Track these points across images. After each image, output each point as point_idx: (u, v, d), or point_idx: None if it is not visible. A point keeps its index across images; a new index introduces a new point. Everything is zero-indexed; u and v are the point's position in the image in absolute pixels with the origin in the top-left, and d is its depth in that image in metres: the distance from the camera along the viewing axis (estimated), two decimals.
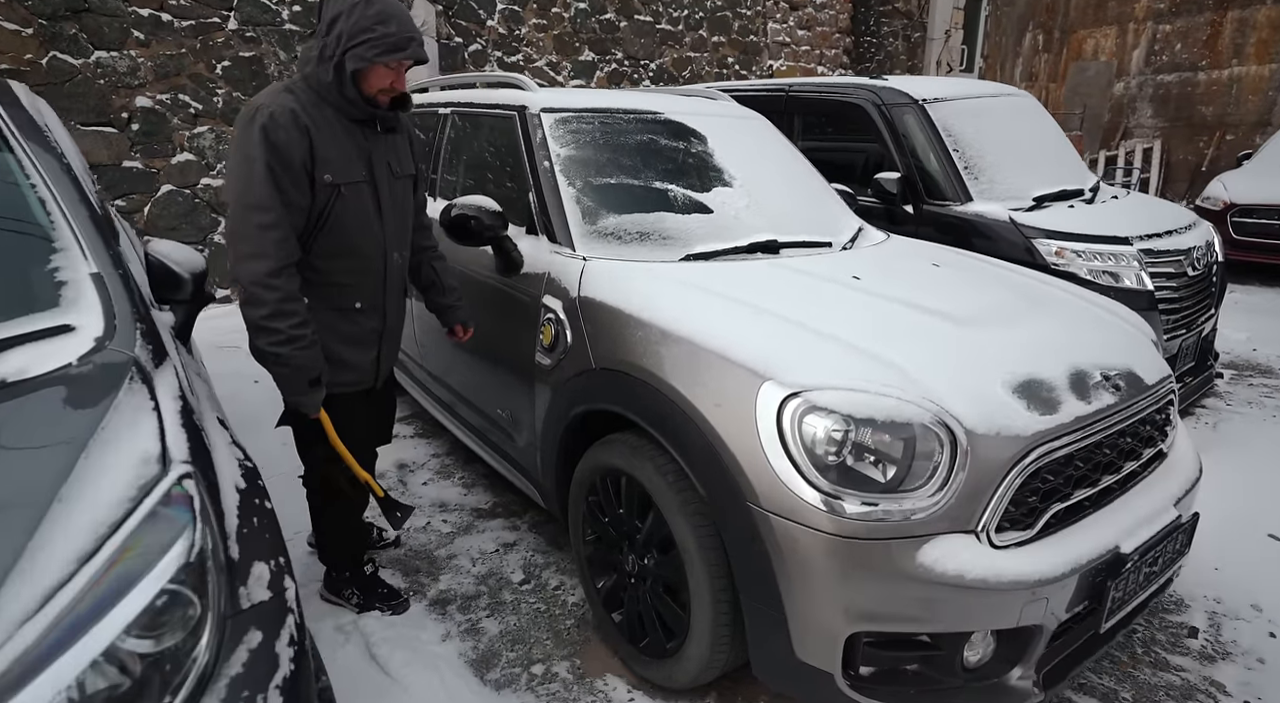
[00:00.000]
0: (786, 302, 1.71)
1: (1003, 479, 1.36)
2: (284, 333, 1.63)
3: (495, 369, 2.30)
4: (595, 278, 1.89)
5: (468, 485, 2.77)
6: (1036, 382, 1.49)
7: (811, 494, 1.33)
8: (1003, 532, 1.38)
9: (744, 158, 2.47)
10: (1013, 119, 3.74)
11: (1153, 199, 3.90)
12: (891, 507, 1.32)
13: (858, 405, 1.35)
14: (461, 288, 2.44)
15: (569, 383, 1.87)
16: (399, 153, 1.88)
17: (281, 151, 1.61)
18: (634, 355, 1.66)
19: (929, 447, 1.34)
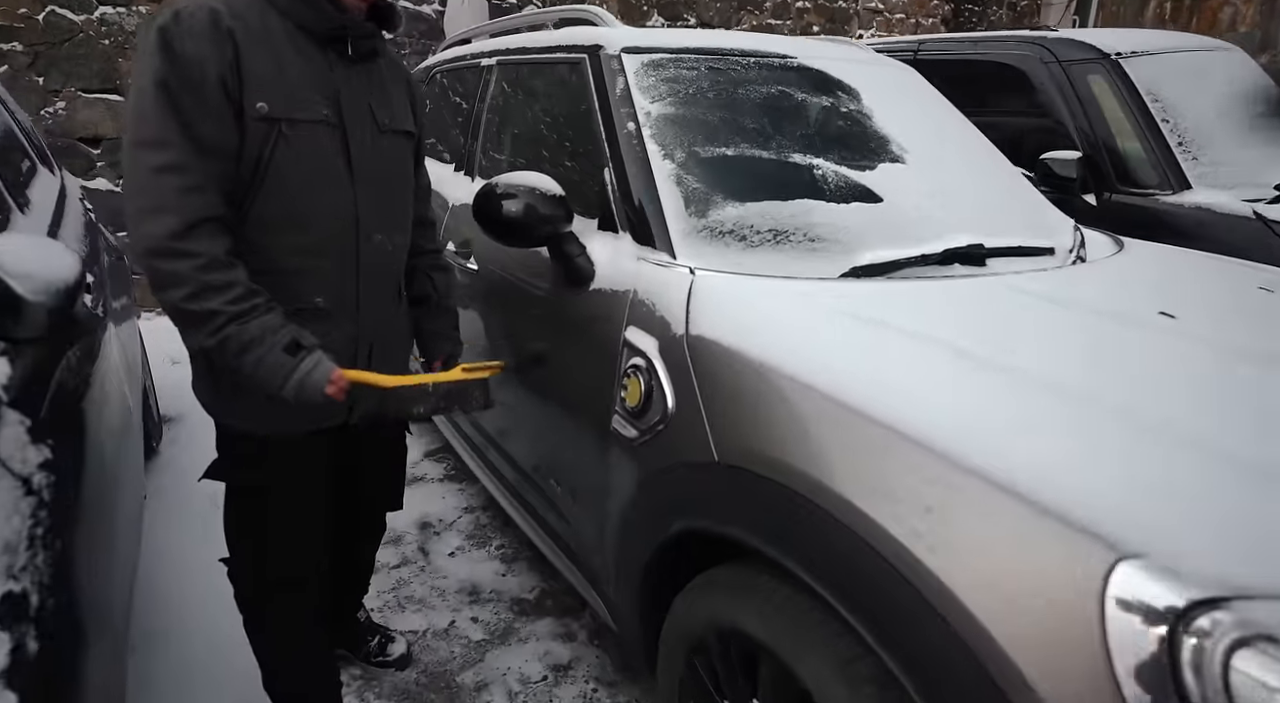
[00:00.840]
0: (1079, 365, 0.95)
1: None
2: (222, 314, 1.06)
3: (549, 425, 1.60)
4: (712, 304, 1.16)
5: (507, 560, 2.09)
6: None
7: None
8: None
9: (909, 122, 1.70)
10: (1228, 81, 2.84)
11: None
12: None
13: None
14: (501, 301, 1.75)
15: (669, 474, 1.16)
16: (387, 97, 1.28)
17: (185, 64, 1.02)
18: (803, 459, 0.93)
19: None
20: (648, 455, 1.21)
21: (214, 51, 1.03)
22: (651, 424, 1.19)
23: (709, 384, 1.09)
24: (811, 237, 1.34)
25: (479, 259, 1.86)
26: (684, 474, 1.12)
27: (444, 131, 2.44)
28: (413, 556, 2.10)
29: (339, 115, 1.19)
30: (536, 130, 1.89)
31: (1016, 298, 1.21)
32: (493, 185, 1.38)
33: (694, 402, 1.10)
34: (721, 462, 1.04)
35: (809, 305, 1.14)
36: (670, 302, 1.22)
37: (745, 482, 1.00)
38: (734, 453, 1.03)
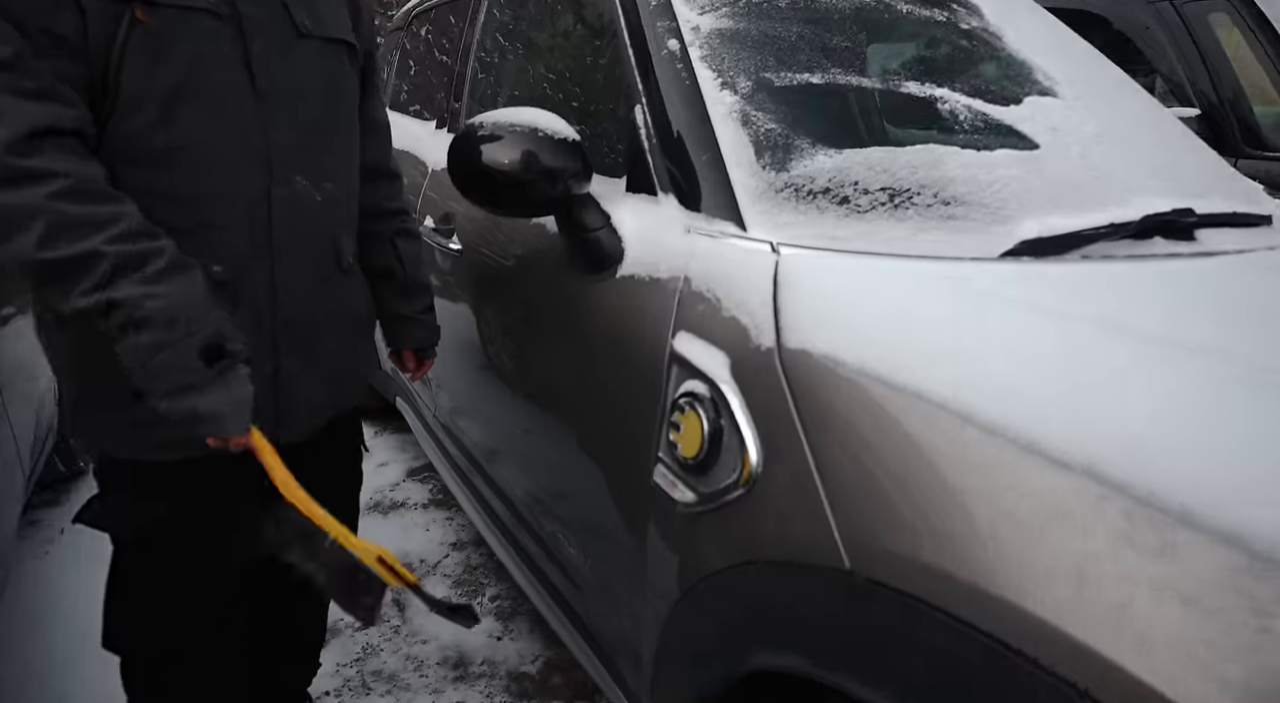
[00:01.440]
0: None
1: None
2: (104, 258, 0.73)
3: (561, 464, 1.18)
4: (820, 300, 0.73)
5: (504, 616, 1.67)
6: None
7: None
8: None
9: (1048, 47, 1.25)
10: None
11: None
12: None
13: None
14: (489, 295, 1.32)
15: (751, 577, 0.73)
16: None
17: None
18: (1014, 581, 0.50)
19: None
20: (713, 535, 0.79)
21: None
22: (720, 488, 0.76)
23: (831, 432, 0.66)
24: (946, 197, 0.90)
25: (463, 237, 1.43)
26: (779, 581, 0.69)
27: (424, 87, 1.99)
28: (385, 611, 1.67)
29: (232, 6, 0.82)
30: (540, 66, 1.45)
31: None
32: (475, 127, 0.95)
33: (801, 460, 0.67)
34: (856, 572, 0.61)
35: (984, 304, 0.70)
36: (745, 295, 0.79)
37: (898, 612, 0.57)
38: (882, 560, 0.59)
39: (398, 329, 1.20)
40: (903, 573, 0.58)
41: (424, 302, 1.21)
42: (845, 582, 0.61)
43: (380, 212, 1.11)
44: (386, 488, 2.18)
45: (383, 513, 2.05)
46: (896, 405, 0.61)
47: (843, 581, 0.61)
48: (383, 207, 1.12)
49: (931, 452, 0.58)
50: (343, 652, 1.54)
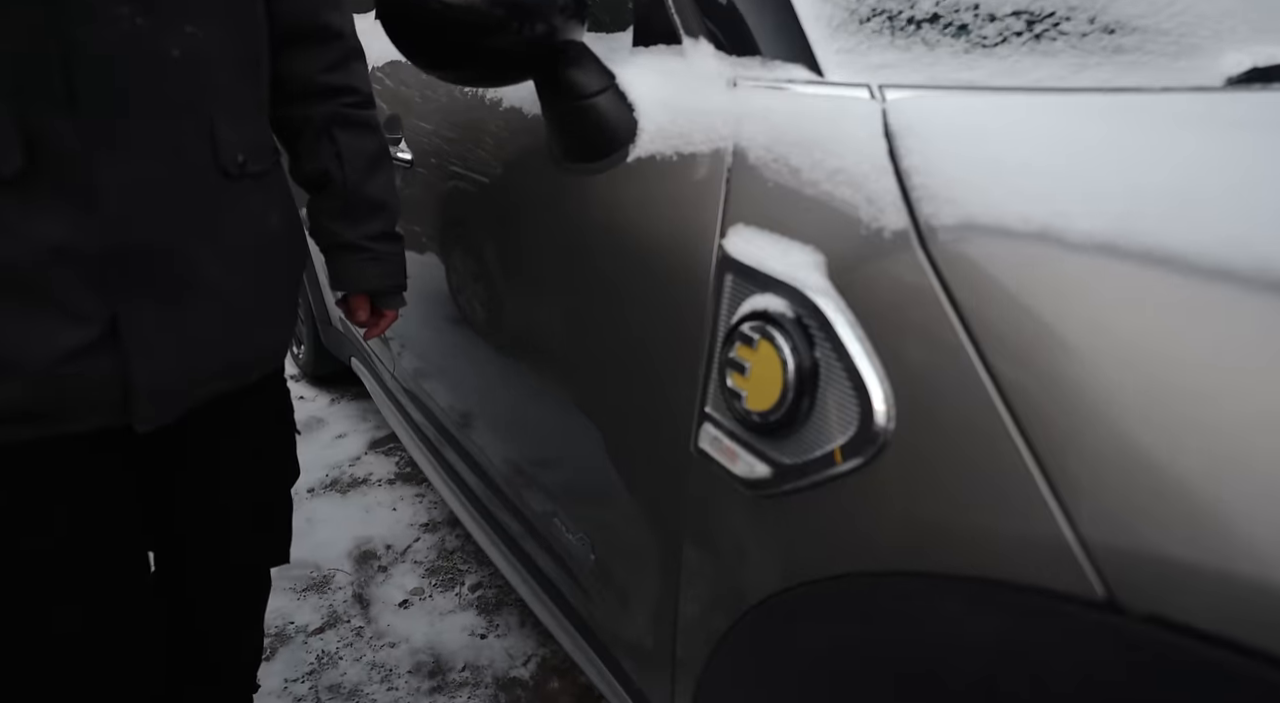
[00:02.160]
0: None
1: None
2: None
3: (557, 431, 0.90)
4: (971, 152, 0.45)
5: (487, 609, 1.41)
6: None
7: None
8: None
9: None
10: None
11: None
12: None
13: None
14: (449, 212, 1.03)
15: (883, 597, 0.46)
16: None
17: None
18: None
19: None
20: (802, 530, 0.52)
21: None
22: (818, 457, 0.49)
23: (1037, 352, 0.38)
24: (1109, 22, 0.62)
25: (414, 143, 1.12)
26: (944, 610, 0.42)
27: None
28: (344, 609, 1.40)
29: None
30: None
31: None
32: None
33: (984, 406, 0.39)
34: (1120, 603, 0.34)
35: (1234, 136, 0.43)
36: (844, 160, 0.50)
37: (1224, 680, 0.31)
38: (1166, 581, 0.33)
39: (341, 264, 0.89)
40: (1214, 606, 0.31)
41: (377, 224, 0.88)
42: (1097, 620, 0.34)
43: (310, 88, 0.80)
44: (345, 463, 1.88)
45: (341, 492, 1.77)
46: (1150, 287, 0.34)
47: (1092, 618, 0.34)
48: (315, 81, 0.80)
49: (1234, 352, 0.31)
50: (292, 664, 1.27)
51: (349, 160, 0.84)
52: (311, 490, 1.77)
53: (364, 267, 0.89)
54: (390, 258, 0.91)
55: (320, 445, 1.95)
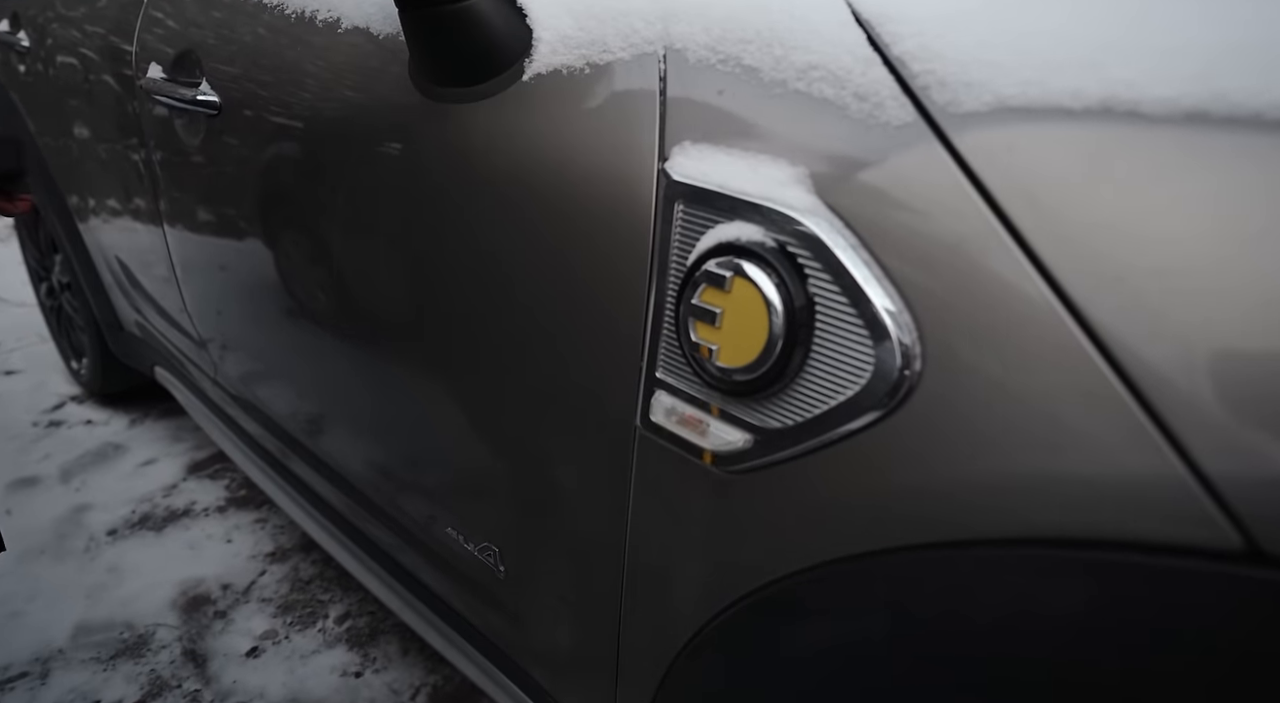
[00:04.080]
0: None
1: None
2: None
3: (449, 416, 0.74)
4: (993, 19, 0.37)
5: (359, 640, 1.21)
6: None
7: None
8: None
9: None
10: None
11: None
12: None
13: None
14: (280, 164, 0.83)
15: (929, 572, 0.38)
16: None
17: None
18: None
19: None
20: (801, 508, 0.42)
21: None
22: (817, 415, 0.40)
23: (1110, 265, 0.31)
24: None
25: (219, 84, 0.88)
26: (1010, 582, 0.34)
27: None
28: (173, 672, 1.14)
29: None
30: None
31: None
32: None
33: (1054, 327, 0.32)
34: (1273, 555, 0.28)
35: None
36: (819, 45, 0.41)
37: None
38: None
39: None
40: None
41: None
42: (1233, 574, 0.28)
43: None
44: (158, 494, 1.55)
45: (155, 530, 1.45)
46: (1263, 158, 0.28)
47: (1228, 572, 0.28)
48: None
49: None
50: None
51: None
52: (113, 532, 1.44)
53: None
54: None
55: (121, 476, 1.60)
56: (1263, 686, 0.27)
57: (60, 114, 1.37)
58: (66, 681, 1.11)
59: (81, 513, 1.48)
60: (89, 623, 1.22)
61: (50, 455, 1.67)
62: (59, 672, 1.13)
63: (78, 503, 1.51)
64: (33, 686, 1.10)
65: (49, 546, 1.39)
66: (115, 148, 1.18)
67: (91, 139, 1.28)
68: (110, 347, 1.65)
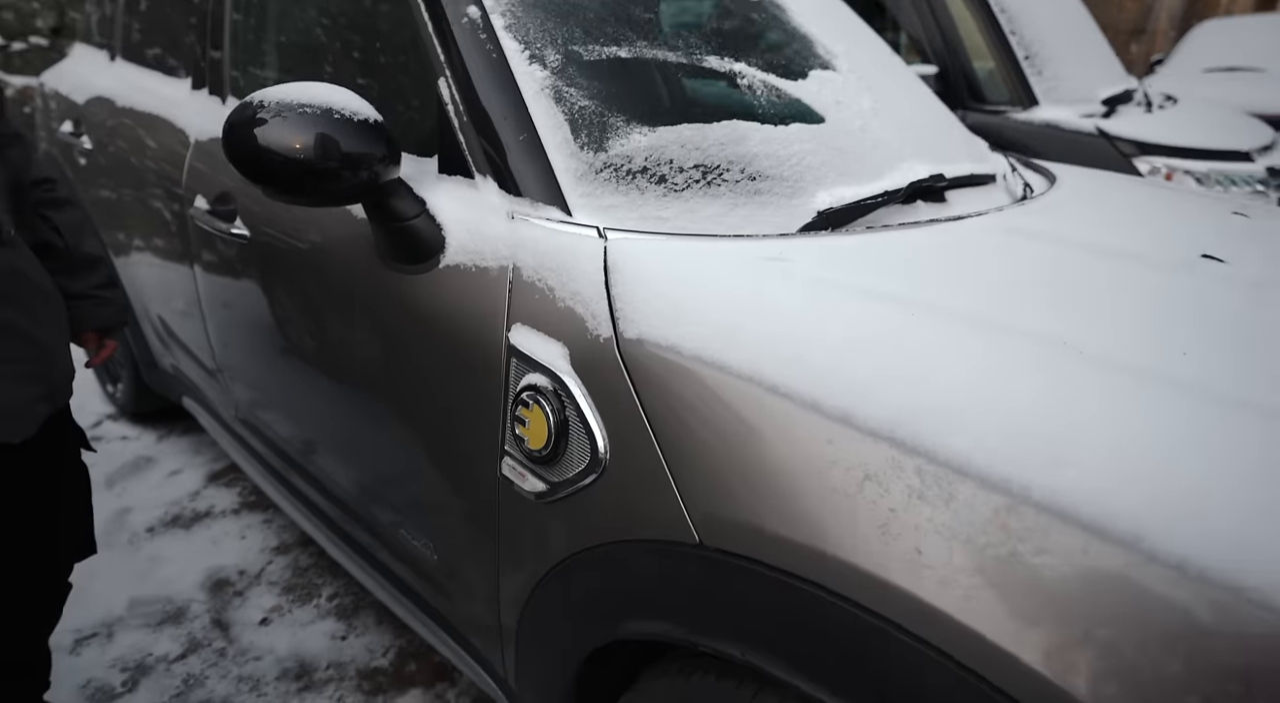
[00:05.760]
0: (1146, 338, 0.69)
1: None
2: None
3: (392, 463, 1.13)
4: (651, 288, 0.76)
5: (345, 614, 1.60)
6: None
7: None
8: None
9: (824, 20, 1.36)
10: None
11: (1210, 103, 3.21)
12: None
13: None
14: (288, 284, 1.22)
15: (609, 559, 0.77)
16: None
17: None
18: (837, 538, 0.58)
19: None
20: (567, 522, 0.81)
21: None
22: (570, 477, 0.78)
23: (673, 418, 0.70)
24: (752, 172, 0.97)
25: (249, 220, 1.27)
26: (637, 559, 0.73)
27: (166, 28, 1.69)
28: (205, 635, 1.52)
29: None
30: (320, 26, 1.30)
31: (1032, 246, 0.93)
32: (253, 107, 0.84)
33: (648, 446, 0.71)
34: (706, 544, 0.67)
35: (792, 282, 0.77)
36: (579, 285, 0.80)
37: (747, 576, 0.64)
38: (721, 531, 0.66)
39: (77, 309, 1.12)
40: (748, 542, 0.64)
41: (98, 276, 1.15)
42: (695, 553, 0.67)
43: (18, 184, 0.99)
44: (185, 499, 1.94)
45: (184, 527, 1.83)
46: (730, 389, 0.67)
47: (692, 553, 0.67)
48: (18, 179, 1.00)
49: (764, 431, 0.64)
50: (157, 691, 1.39)
51: (64, 231, 1.07)
52: (151, 530, 1.82)
53: (94, 310, 1.14)
54: (113, 302, 1.17)
55: (153, 484, 1.98)
56: None
57: (117, 206, 1.75)
58: (127, 639, 1.49)
59: (124, 514, 1.86)
60: (139, 598, 1.60)
61: (94, 466, 2.03)
62: (120, 633, 1.51)
63: (121, 506, 1.88)
64: (102, 643, 1.48)
65: (102, 539, 1.76)
66: (163, 242, 1.56)
67: (144, 230, 1.66)
68: (144, 379, 2.03)
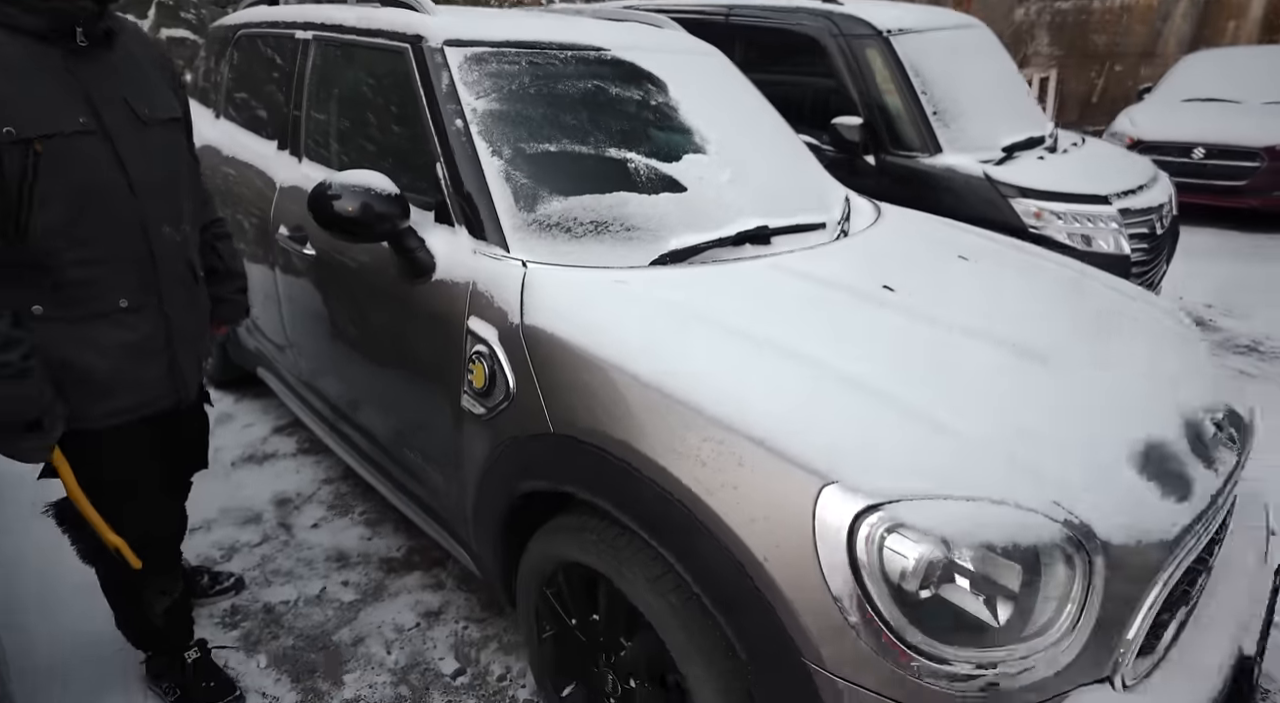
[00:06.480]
0: (819, 336, 1.26)
1: (1145, 600, 1.01)
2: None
3: (401, 400, 1.74)
4: (543, 296, 1.35)
5: (371, 523, 2.22)
6: (1160, 450, 1.14)
7: (897, 651, 0.93)
8: None
9: (712, 110, 1.94)
10: (975, 55, 3.37)
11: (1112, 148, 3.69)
12: (1008, 666, 0.94)
13: (962, 522, 0.95)
14: (341, 288, 1.82)
15: (515, 445, 1.36)
16: (144, 83, 1.29)
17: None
18: (613, 425, 1.17)
19: (1057, 572, 0.96)
20: (496, 429, 1.41)
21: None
22: (497, 403, 1.38)
23: (545, 370, 1.29)
24: (628, 226, 1.55)
25: (316, 244, 1.90)
26: (528, 443, 1.33)
27: (261, 101, 2.34)
28: (274, 532, 2.16)
29: (99, 121, 1.19)
30: (364, 115, 1.92)
31: (792, 283, 1.49)
32: (326, 186, 1.46)
33: (533, 384, 1.30)
34: (555, 432, 1.26)
35: (626, 294, 1.36)
36: (506, 294, 1.39)
37: (574, 448, 1.23)
38: (564, 425, 1.25)
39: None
40: (575, 430, 1.23)
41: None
42: (551, 437, 1.26)
43: (202, 225, 1.54)
44: (257, 443, 2.59)
45: (258, 463, 2.48)
46: (576, 355, 1.26)
47: (550, 437, 1.26)
48: (202, 221, 1.54)
49: (592, 377, 1.22)
50: (243, 563, 2.02)
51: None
52: (234, 463, 2.47)
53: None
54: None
55: (234, 432, 2.65)
56: None
57: None
58: (221, 532, 2.14)
59: (217, 452, 2.49)
60: (228, 507, 2.25)
61: None
62: (216, 528, 2.16)
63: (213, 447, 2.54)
64: (204, 533, 2.13)
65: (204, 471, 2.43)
66: (254, 255, 2.21)
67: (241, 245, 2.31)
68: (229, 355, 2.69)
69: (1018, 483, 1.00)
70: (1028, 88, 3.61)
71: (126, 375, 1.30)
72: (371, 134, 1.88)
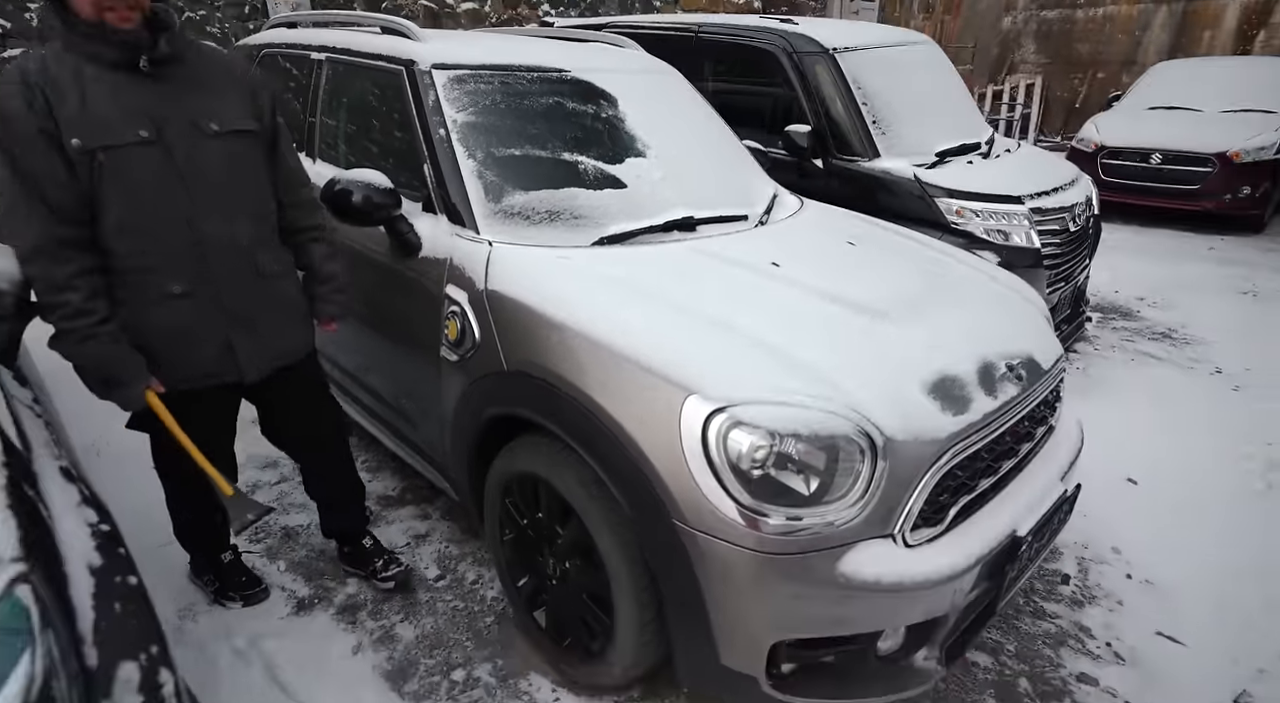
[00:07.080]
0: (708, 297, 1.64)
1: (919, 483, 1.39)
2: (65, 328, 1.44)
3: (395, 357, 2.14)
4: (503, 267, 1.75)
5: (372, 469, 2.62)
6: (949, 380, 1.52)
7: (736, 511, 1.32)
8: (916, 530, 1.42)
9: (657, 121, 2.32)
10: (918, 69, 3.74)
11: (1041, 153, 4.06)
12: (814, 520, 1.32)
13: (783, 420, 1.33)
14: (352, 269, 2.22)
15: (479, 383, 1.75)
16: (213, 100, 1.52)
17: (13, 123, 1.34)
18: (549, 360, 1.56)
19: (851, 458, 1.34)
20: (466, 370, 1.80)
21: (24, 108, 1.32)
22: (466, 351, 1.77)
23: (501, 322, 1.68)
24: (576, 215, 1.95)
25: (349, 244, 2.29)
26: (488, 380, 1.72)
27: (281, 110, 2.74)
28: (290, 474, 2.57)
29: (159, 134, 1.42)
30: (366, 124, 2.32)
31: (701, 259, 1.87)
32: (335, 181, 1.85)
33: (492, 334, 1.70)
34: (509, 370, 1.65)
35: (568, 268, 1.75)
36: (475, 266, 1.79)
37: (527, 382, 1.62)
38: (516, 363, 1.64)
39: (315, 305, 1.84)
40: (525, 367, 1.62)
41: (332, 286, 1.84)
42: (507, 374, 1.65)
43: (297, 228, 1.85)
44: None
45: None
46: (527, 311, 1.65)
47: (506, 374, 1.65)
48: (298, 224, 1.84)
49: (538, 328, 1.61)
50: (266, 496, 2.42)
51: (315, 259, 1.97)
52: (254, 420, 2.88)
53: (321, 306, 1.94)
54: (335, 301, 1.96)
55: None
56: None
57: None
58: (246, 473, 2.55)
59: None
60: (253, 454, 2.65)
61: None
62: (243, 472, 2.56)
63: None
64: None
65: None
66: None
67: None
68: None
69: (830, 395, 1.38)
70: (972, 99, 3.98)
71: (178, 353, 1.56)
72: (373, 139, 2.28)
